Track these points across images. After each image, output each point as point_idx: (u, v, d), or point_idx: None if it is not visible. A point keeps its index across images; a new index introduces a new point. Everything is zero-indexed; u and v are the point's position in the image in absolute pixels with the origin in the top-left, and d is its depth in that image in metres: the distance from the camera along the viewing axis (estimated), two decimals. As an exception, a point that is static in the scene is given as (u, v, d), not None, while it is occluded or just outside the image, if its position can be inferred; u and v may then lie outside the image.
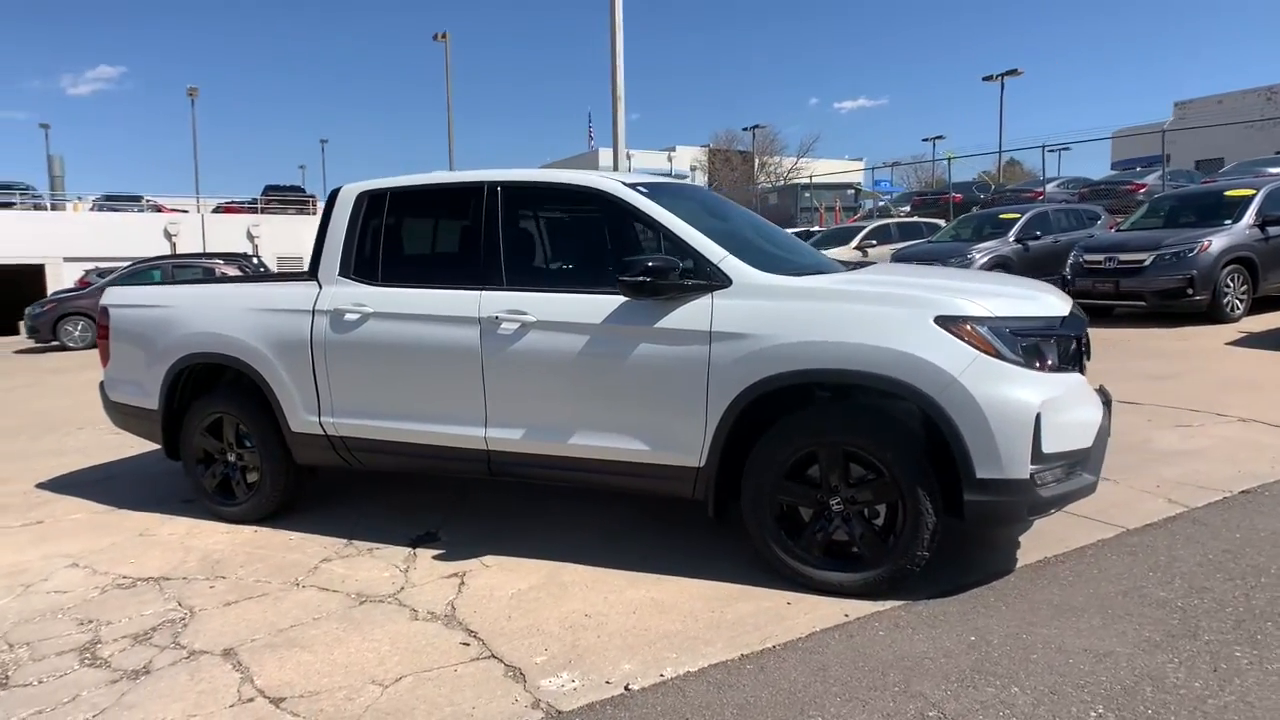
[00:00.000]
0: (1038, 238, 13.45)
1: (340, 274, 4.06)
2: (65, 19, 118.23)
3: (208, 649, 3.02)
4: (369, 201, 4.11)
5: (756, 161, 51.30)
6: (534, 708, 2.54)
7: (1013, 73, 34.73)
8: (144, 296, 4.64)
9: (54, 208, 32.31)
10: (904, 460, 3.07)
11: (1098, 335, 4.85)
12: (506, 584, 3.48)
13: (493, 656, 2.87)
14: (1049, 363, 3.13)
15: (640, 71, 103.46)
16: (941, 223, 18.55)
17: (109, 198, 32.88)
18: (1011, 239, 13.71)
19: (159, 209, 32.89)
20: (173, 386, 4.46)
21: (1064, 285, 10.43)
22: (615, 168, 12.16)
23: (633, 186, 3.63)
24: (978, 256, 13.20)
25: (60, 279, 26.60)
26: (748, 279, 3.33)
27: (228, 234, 31.10)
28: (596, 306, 3.44)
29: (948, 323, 3.02)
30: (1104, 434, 3.33)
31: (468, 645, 2.96)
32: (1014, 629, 2.88)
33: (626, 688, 2.63)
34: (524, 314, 3.58)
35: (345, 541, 4.08)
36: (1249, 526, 3.70)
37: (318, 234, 4.16)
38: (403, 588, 3.49)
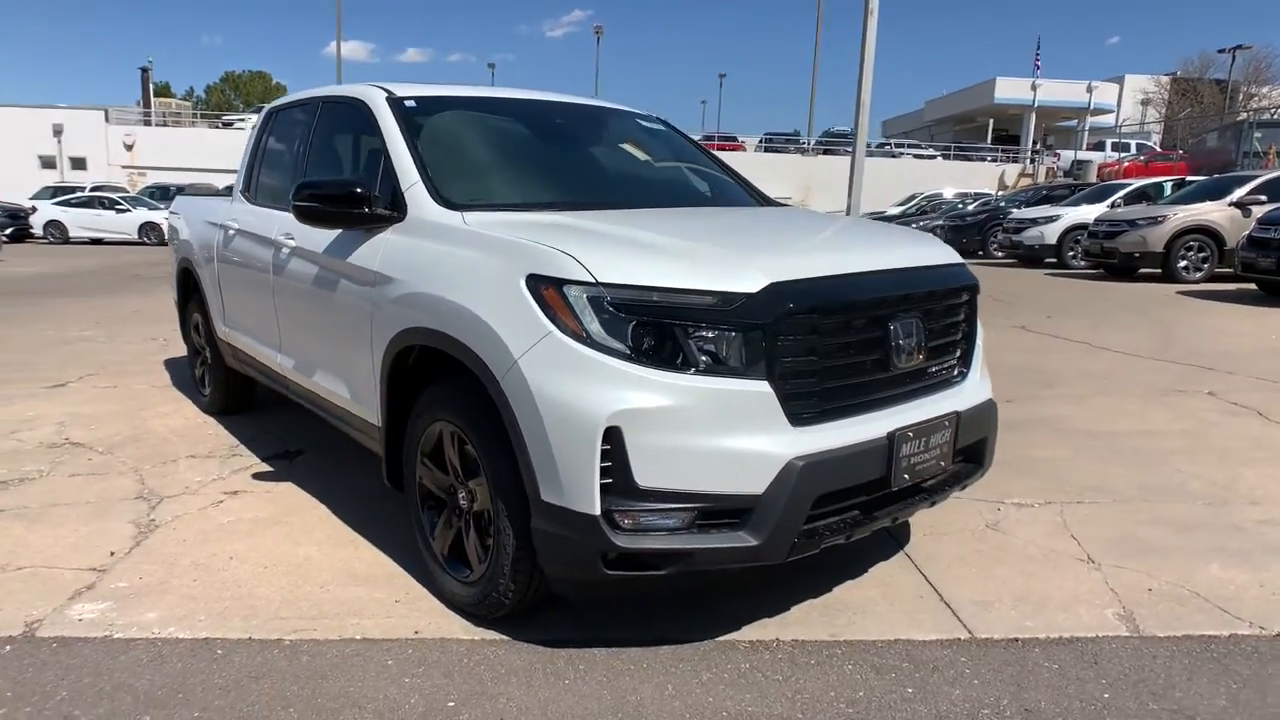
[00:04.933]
0: None
1: (240, 190, 4.27)
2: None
3: (-14, 508, 3.50)
4: (266, 117, 4.22)
5: (1241, 92, 41.34)
6: (26, 625, 2.55)
7: None
8: (175, 206, 5.36)
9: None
10: (489, 458, 2.38)
11: None
12: (246, 511, 3.48)
13: (100, 572, 2.92)
14: (685, 359, 2.14)
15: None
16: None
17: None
18: None
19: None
20: (180, 287, 5.13)
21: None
22: (858, 100, 10.71)
23: (395, 100, 3.20)
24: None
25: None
26: (420, 211, 2.80)
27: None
28: (326, 235, 3.16)
29: (538, 283, 2.23)
30: (822, 479, 2.21)
31: (112, 555, 3.05)
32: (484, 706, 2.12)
33: (108, 635, 2.50)
34: (292, 238, 3.43)
35: (235, 445, 4.40)
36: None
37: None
38: (181, 494, 3.68)
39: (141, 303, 10.13)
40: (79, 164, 35.55)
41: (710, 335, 2.15)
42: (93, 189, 27.01)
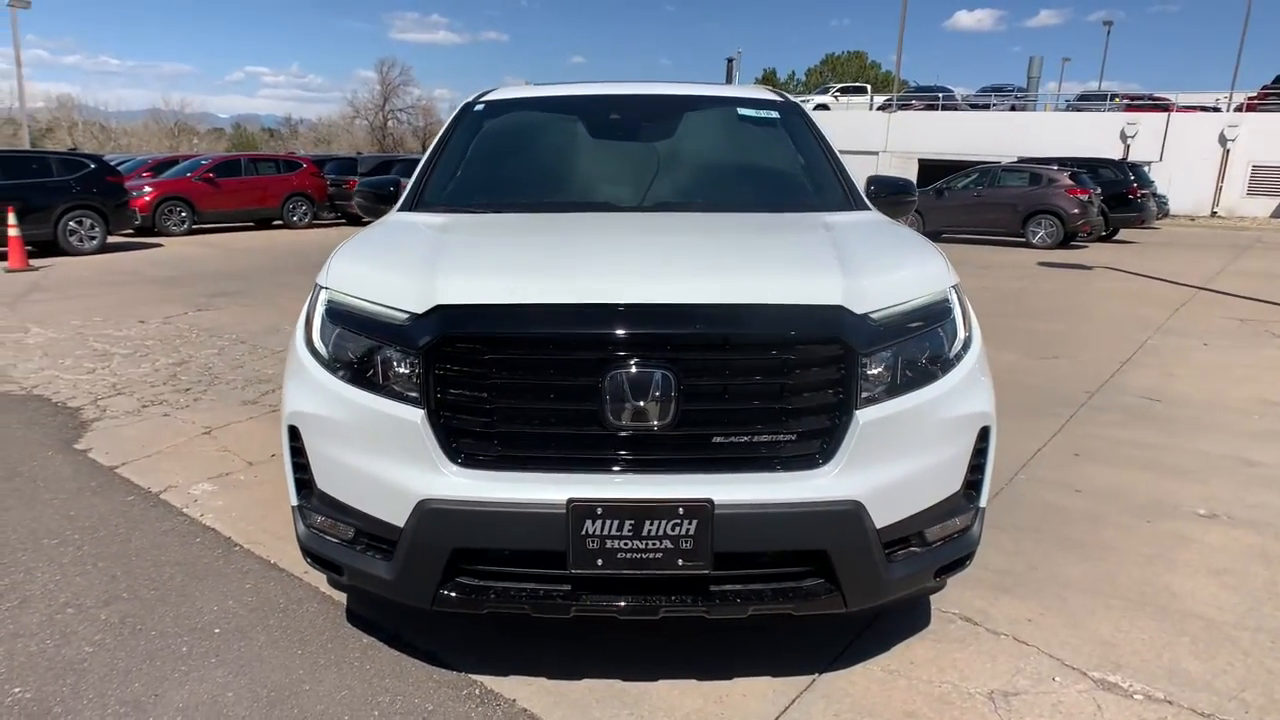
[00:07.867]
0: None
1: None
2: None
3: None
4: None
5: None
6: (165, 486, 3.66)
7: None
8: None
9: (1019, 108, 33.83)
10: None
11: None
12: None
13: (248, 465, 3.96)
14: (367, 375, 2.09)
15: None
16: None
17: (1083, 97, 32.94)
18: None
19: (1131, 108, 30.77)
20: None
21: None
22: None
23: (469, 103, 3.51)
24: None
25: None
26: (394, 208, 3.08)
27: (1193, 137, 27.65)
28: None
29: (318, 288, 2.37)
30: (463, 530, 1.97)
31: (271, 458, 4.08)
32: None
33: (179, 507, 3.45)
34: None
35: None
36: None
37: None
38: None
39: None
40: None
41: (385, 355, 2.06)
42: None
